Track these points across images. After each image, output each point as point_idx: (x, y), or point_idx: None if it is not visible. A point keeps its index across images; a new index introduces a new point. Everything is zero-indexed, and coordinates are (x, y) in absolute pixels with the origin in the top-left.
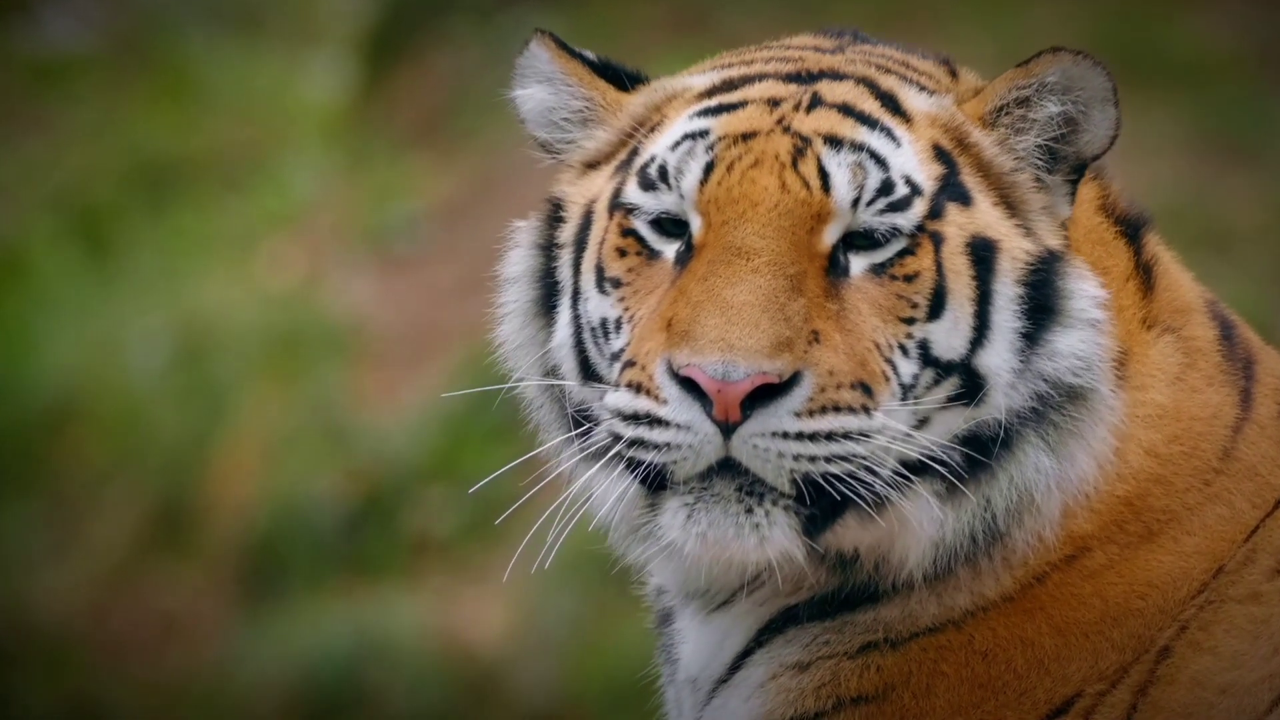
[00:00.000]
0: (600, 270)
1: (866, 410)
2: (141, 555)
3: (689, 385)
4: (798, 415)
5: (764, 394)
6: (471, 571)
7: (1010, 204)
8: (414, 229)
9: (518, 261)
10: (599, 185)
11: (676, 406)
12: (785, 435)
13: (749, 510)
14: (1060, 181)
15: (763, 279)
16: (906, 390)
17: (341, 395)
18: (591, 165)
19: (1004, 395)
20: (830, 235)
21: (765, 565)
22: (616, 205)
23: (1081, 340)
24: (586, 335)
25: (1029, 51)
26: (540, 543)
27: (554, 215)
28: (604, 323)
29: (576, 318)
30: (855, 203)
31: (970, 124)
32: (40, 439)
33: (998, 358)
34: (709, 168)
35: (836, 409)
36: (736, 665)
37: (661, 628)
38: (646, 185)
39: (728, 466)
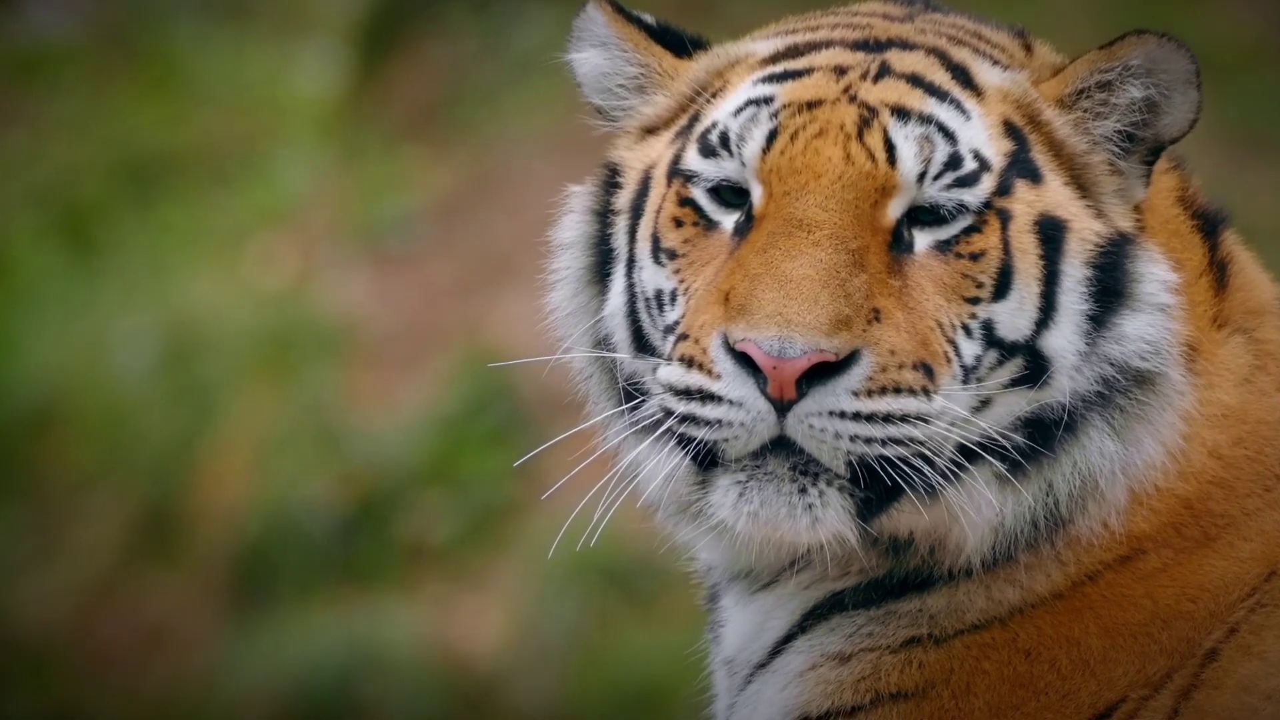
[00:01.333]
0: (656, 240)
1: (927, 393)
2: (128, 562)
3: (744, 361)
4: (856, 395)
5: (821, 372)
6: (468, 579)
7: (1082, 185)
8: (409, 225)
9: (572, 227)
10: (658, 151)
11: (730, 382)
12: (842, 415)
13: (802, 490)
14: (1136, 164)
15: (823, 253)
16: (968, 372)
17: (334, 397)
18: (650, 131)
19: (1068, 378)
20: (895, 210)
21: (817, 547)
22: (675, 172)
23: (1150, 324)
24: (640, 305)
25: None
26: (539, 544)
27: (610, 180)
28: (659, 294)
29: (631, 286)
30: (921, 177)
31: (1044, 101)
32: (23, 441)
33: (1063, 340)
34: (772, 135)
35: (896, 390)
36: (777, 650)
37: (710, 605)
38: (707, 152)
39: (781, 445)
